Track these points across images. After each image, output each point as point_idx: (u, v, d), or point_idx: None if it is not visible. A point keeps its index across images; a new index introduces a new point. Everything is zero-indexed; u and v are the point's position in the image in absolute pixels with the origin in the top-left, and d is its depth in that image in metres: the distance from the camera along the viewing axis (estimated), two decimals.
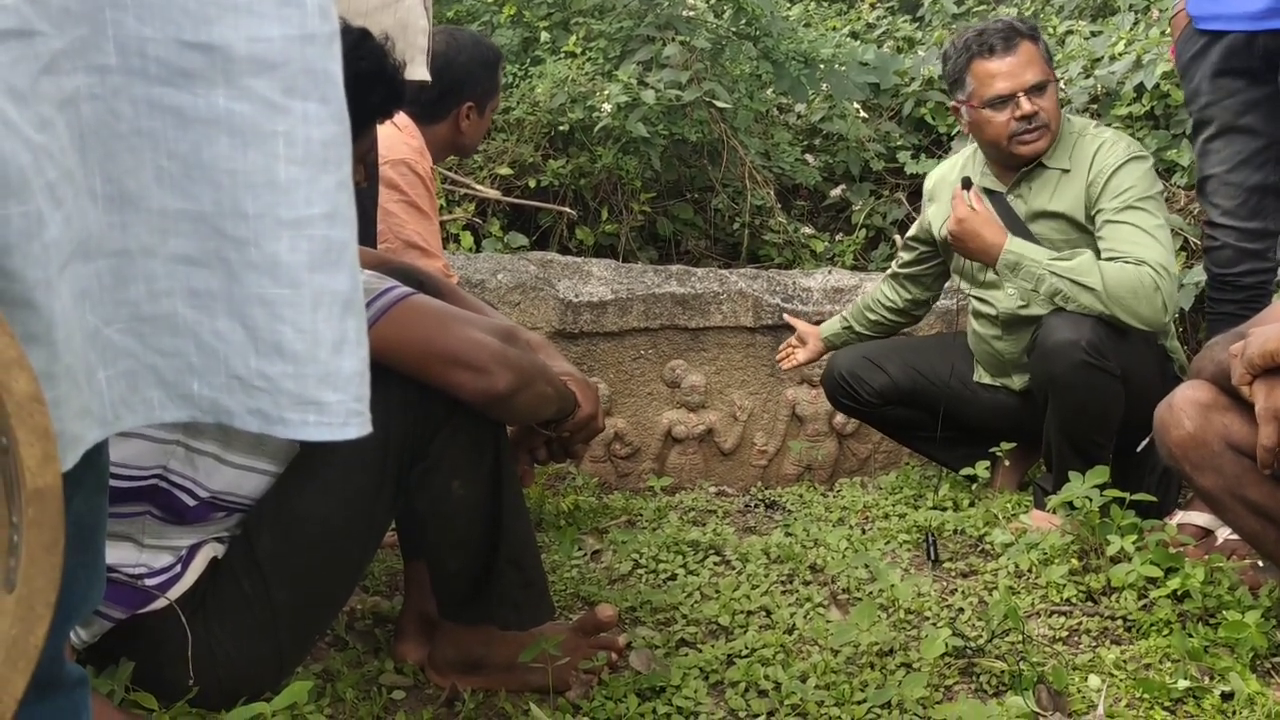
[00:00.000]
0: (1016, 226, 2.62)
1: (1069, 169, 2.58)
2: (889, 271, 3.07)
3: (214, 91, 0.75)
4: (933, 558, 2.30)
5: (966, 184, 2.57)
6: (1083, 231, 2.56)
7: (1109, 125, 3.84)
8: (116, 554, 1.47)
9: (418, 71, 2.21)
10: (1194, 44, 2.61)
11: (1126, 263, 2.39)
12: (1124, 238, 2.45)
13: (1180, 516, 2.43)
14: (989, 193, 2.68)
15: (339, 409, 0.82)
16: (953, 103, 2.73)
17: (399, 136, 2.55)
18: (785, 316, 3.29)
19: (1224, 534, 2.27)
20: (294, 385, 0.80)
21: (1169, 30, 2.75)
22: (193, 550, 1.53)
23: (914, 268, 2.97)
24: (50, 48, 0.69)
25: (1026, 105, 2.53)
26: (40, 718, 0.84)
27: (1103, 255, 2.45)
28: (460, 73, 2.69)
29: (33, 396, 0.58)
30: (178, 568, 1.52)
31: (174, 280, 0.78)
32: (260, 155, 0.76)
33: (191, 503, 1.49)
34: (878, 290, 3.06)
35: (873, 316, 3.05)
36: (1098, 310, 2.37)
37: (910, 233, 3.01)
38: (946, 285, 3.06)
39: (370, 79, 1.70)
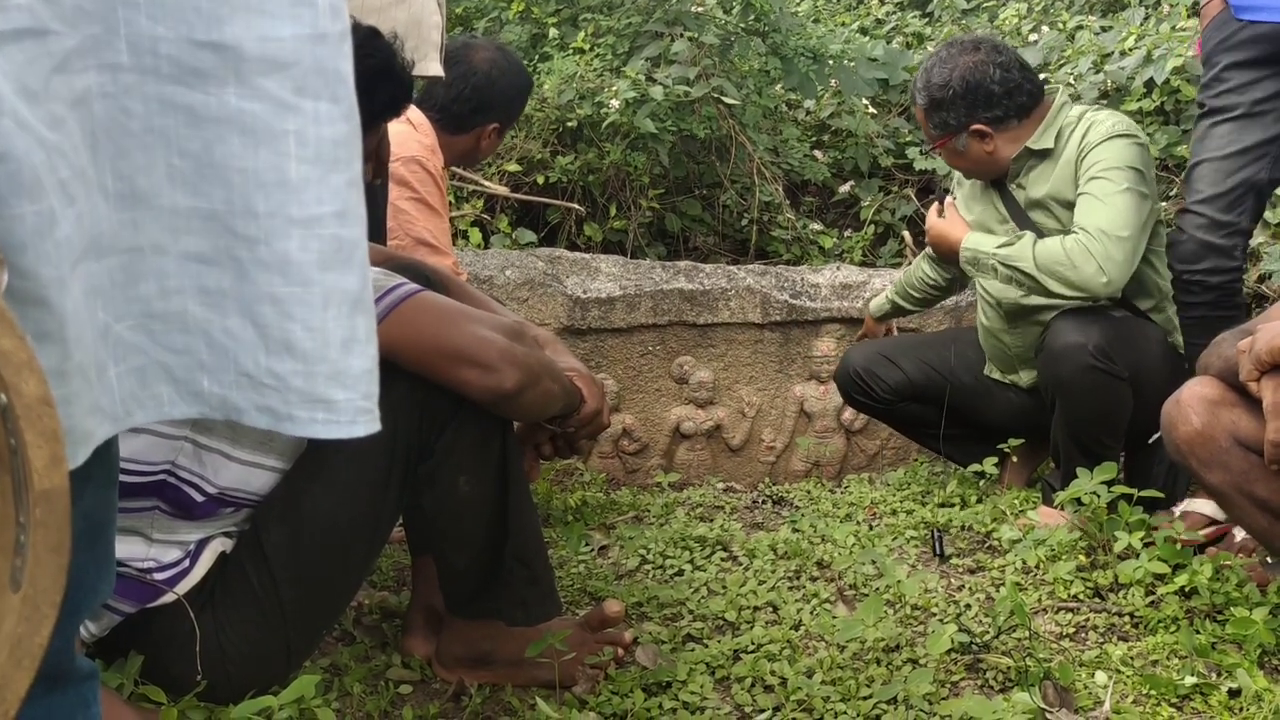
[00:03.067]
0: (1018, 215, 2.63)
1: (1057, 152, 2.58)
2: (927, 250, 3.06)
3: (225, 90, 0.75)
4: (939, 554, 2.30)
5: (942, 195, 2.61)
6: None
7: None
8: (125, 548, 1.47)
9: (431, 67, 2.21)
10: (1224, 30, 2.56)
11: (1068, 233, 2.42)
12: (1080, 209, 2.46)
13: (1185, 505, 2.43)
14: (996, 184, 2.69)
15: (348, 407, 0.82)
16: None
17: (412, 134, 2.56)
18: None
19: (1241, 533, 2.26)
20: (303, 383, 0.81)
21: (1200, 18, 2.68)
22: (201, 545, 1.54)
23: None
24: (63, 46, 0.70)
25: None
26: (50, 710, 0.85)
27: None
28: (498, 95, 2.74)
29: (42, 399, 0.58)
30: (186, 562, 1.53)
31: (185, 278, 0.78)
32: (271, 154, 0.77)
33: (199, 498, 1.50)
34: (918, 268, 3.07)
35: (917, 294, 3.09)
36: (1039, 289, 2.41)
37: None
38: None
39: (378, 77, 1.70)
